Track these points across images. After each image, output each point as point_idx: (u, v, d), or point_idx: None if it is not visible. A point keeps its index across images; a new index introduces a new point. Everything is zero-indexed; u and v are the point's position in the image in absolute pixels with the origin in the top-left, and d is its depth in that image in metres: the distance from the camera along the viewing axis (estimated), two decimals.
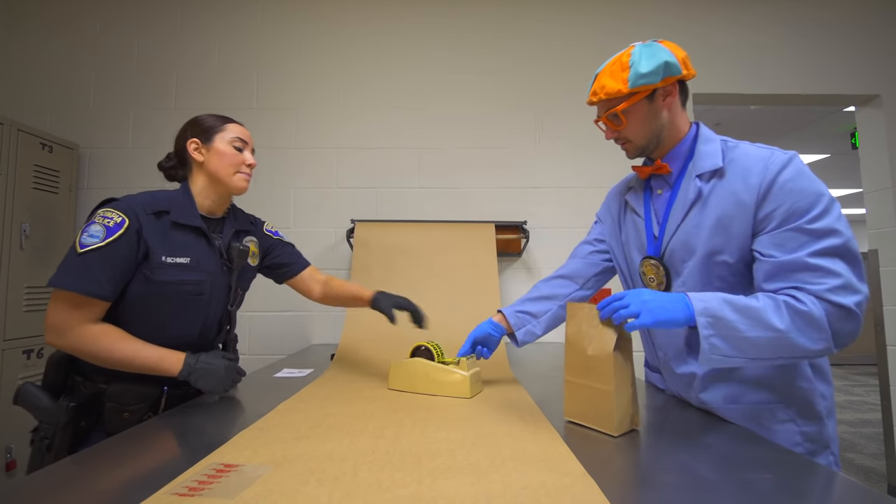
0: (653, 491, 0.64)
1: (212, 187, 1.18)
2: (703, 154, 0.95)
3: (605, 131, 1.04)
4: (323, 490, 0.60)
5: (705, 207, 0.92)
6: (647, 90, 0.94)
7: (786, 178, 0.84)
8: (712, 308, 0.79)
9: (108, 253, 1.01)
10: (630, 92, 0.94)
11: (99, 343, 1.01)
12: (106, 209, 1.05)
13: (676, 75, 0.94)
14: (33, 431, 1.08)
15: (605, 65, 0.99)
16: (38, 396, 1.06)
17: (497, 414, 0.97)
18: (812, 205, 0.82)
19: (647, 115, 0.97)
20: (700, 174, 0.94)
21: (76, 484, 0.67)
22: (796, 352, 0.78)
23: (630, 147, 1.02)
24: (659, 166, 1.01)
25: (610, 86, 0.95)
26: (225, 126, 1.20)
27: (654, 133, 0.99)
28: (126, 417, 1.05)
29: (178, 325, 1.12)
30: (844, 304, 0.77)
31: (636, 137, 0.99)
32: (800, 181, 0.84)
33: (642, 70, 0.92)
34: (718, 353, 0.78)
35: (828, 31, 2.54)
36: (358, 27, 2.50)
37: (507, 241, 2.32)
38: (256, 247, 1.33)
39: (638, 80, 0.93)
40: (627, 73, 0.93)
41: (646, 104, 0.96)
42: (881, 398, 2.55)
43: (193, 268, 1.12)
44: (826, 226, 0.81)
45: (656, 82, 0.93)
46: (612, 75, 0.96)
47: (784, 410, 0.92)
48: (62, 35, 2.47)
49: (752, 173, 0.87)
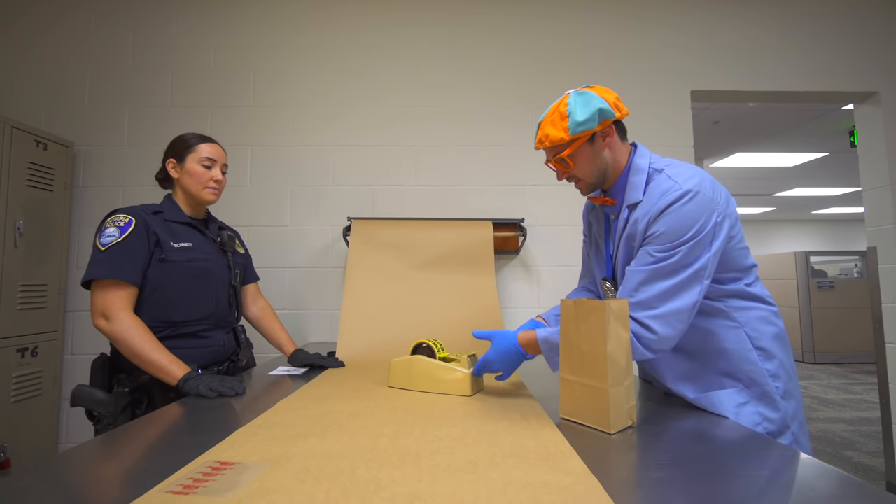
0: (653, 488, 0.63)
1: (187, 198, 1.40)
2: (632, 185, 1.06)
3: (556, 172, 1.13)
4: (320, 488, 0.59)
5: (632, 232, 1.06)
6: (586, 135, 1.03)
7: (670, 211, 0.96)
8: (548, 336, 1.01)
9: (126, 245, 1.22)
10: (572, 138, 1.03)
11: (131, 332, 1.17)
12: (114, 216, 1.27)
13: (611, 118, 1.03)
14: (96, 423, 1.25)
15: (545, 113, 1.07)
16: (93, 392, 1.23)
17: (498, 412, 0.96)
18: (672, 236, 0.95)
19: (590, 156, 1.06)
20: (629, 205, 1.06)
21: (69, 481, 0.66)
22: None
23: (582, 185, 1.11)
24: (603, 201, 1.13)
25: (553, 134, 1.04)
26: (196, 147, 1.38)
27: (601, 171, 1.08)
28: (172, 397, 1.18)
29: (196, 302, 1.32)
30: (636, 317, 0.95)
31: (586, 176, 1.09)
32: (681, 211, 0.95)
33: (579, 119, 1.01)
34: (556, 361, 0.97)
35: (826, 27, 2.54)
36: (353, 21, 2.49)
37: (505, 238, 2.31)
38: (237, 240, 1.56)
39: (577, 128, 1.01)
40: (567, 122, 1.02)
41: (588, 147, 1.05)
42: (880, 396, 2.55)
43: (197, 250, 1.35)
44: (667, 254, 0.95)
45: (594, 127, 1.02)
46: (553, 124, 1.04)
47: (741, 394, 1.01)
48: (56, 31, 2.44)
49: (652, 200, 1.00)
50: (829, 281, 6.40)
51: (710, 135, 4.62)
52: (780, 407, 1.00)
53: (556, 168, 1.11)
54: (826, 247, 9.87)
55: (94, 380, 1.28)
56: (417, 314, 1.97)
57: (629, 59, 2.48)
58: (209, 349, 1.35)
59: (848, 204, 8.69)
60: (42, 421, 2.14)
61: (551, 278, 2.40)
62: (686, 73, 2.49)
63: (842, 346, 6.19)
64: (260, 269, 1.76)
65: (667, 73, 2.49)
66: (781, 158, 5.58)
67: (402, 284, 2.05)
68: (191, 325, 1.32)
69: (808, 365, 6.12)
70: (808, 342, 6.25)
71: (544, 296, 2.39)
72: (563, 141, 1.03)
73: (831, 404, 4.21)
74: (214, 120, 2.41)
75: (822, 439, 3.32)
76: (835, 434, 3.43)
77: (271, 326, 1.60)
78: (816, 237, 10.65)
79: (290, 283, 2.36)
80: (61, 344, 2.26)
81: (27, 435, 2.04)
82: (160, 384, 1.20)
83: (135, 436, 0.86)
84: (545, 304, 2.38)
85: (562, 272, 2.40)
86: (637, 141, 1.12)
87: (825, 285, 6.36)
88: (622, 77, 2.47)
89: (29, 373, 2.06)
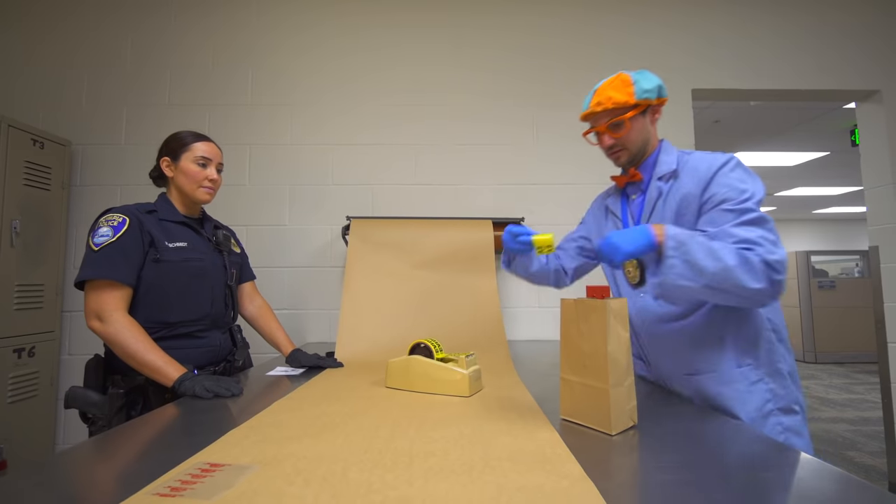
0: (652, 491, 0.62)
1: (181, 197, 1.38)
2: (663, 162, 1.14)
3: (600, 140, 1.18)
4: (309, 491, 0.58)
5: (665, 203, 1.10)
6: (647, 104, 1.12)
7: (722, 173, 1.03)
8: (680, 235, 0.93)
9: (120, 245, 1.20)
10: (636, 103, 1.10)
11: (125, 333, 1.16)
12: (107, 215, 1.24)
13: (664, 98, 1.14)
14: (90, 425, 1.22)
15: (602, 83, 1.14)
16: (87, 394, 1.21)
17: (496, 413, 0.95)
18: (738, 194, 0.99)
19: (641, 127, 1.14)
20: (660, 177, 1.13)
21: (60, 482, 0.65)
22: (739, 288, 0.90)
23: (624, 155, 1.16)
24: (633, 174, 1.18)
25: (616, 97, 1.10)
26: (191, 145, 1.36)
27: (644, 143, 1.15)
28: (168, 398, 1.17)
29: (192, 302, 1.31)
30: (766, 257, 0.90)
31: (632, 146, 1.15)
32: (731, 175, 1.02)
33: (645, 86, 1.11)
34: (676, 272, 0.91)
35: (828, 25, 2.52)
36: (352, 19, 2.47)
37: None
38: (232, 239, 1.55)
39: (643, 94, 1.10)
40: (632, 87, 1.10)
41: (641, 118, 1.13)
42: (882, 396, 2.54)
43: (192, 249, 1.33)
44: (745, 207, 0.97)
45: (653, 99, 1.12)
46: (616, 89, 1.11)
47: (754, 371, 1.05)
48: (54, 30, 2.43)
49: (698, 170, 1.06)
50: (830, 280, 6.39)
51: (711, 134, 4.60)
52: (788, 385, 1.06)
53: (599, 136, 1.17)
54: (827, 246, 9.82)
55: (88, 381, 1.26)
56: (417, 314, 1.95)
57: (630, 58, 2.46)
58: (205, 350, 1.34)
59: (849, 203, 8.66)
60: (39, 422, 2.13)
61: None
62: (687, 72, 2.47)
63: (843, 346, 6.16)
64: (259, 268, 1.75)
65: (668, 72, 2.44)
66: (783, 158, 5.56)
67: (401, 284, 2.04)
68: (186, 325, 1.30)
69: (810, 364, 6.10)
70: (810, 342, 6.23)
71: (544, 296, 2.37)
72: (627, 104, 1.10)
73: (833, 404, 4.19)
74: (213, 119, 2.40)
75: (823, 439, 3.30)
76: (837, 434, 3.41)
77: (269, 326, 1.58)
78: (817, 237, 10.61)
79: (288, 282, 2.35)
80: (58, 344, 2.25)
81: (24, 436, 2.03)
82: (155, 385, 1.18)
83: (129, 437, 0.85)
84: (545, 303, 2.37)
85: None
86: None
87: (826, 285, 6.35)
88: None
89: (26, 373, 2.05)
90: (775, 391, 1.04)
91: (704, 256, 0.90)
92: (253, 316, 1.59)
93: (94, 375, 1.25)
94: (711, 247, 0.91)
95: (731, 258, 0.90)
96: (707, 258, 0.90)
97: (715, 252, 0.91)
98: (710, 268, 0.90)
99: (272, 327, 1.58)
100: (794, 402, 1.06)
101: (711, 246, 0.92)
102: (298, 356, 1.49)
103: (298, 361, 1.48)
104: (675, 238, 0.92)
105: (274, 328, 1.58)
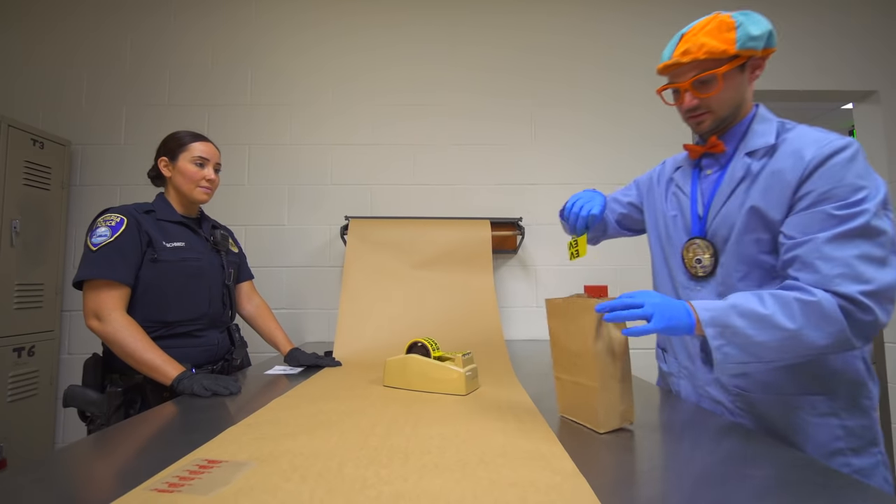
0: (644, 489, 0.62)
1: (179, 197, 1.39)
2: (756, 133, 0.91)
3: (679, 99, 0.95)
4: (305, 487, 0.59)
5: (752, 185, 0.89)
6: (749, 55, 0.88)
7: (834, 163, 0.79)
8: (719, 317, 0.76)
9: (117, 244, 1.21)
10: (735, 54, 0.86)
11: (124, 332, 1.16)
12: (105, 215, 1.25)
13: (773, 48, 0.89)
14: (88, 423, 1.23)
15: (693, 25, 0.91)
16: (85, 392, 1.22)
17: (492, 411, 0.96)
18: (849, 193, 0.77)
19: (736, 85, 0.90)
20: (750, 152, 0.91)
21: (58, 480, 0.65)
22: (811, 348, 0.75)
23: (708, 119, 0.93)
24: (714, 144, 0.96)
25: (712, 45, 0.86)
26: (189, 145, 1.37)
27: (737, 105, 0.92)
28: (166, 396, 1.17)
29: (190, 301, 1.32)
30: (847, 293, 0.73)
31: (720, 108, 0.92)
32: (847, 168, 0.79)
33: (753, 32, 0.86)
34: (732, 360, 0.76)
35: (825, 26, 2.53)
36: (351, 19, 2.48)
37: (503, 237, 2.30)
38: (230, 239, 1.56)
39: (747, 43, 0.86)
40: (734, 33, 0.86)
41: (738, 73, 0.90)
42: (880, 396, 2.54)
43: (189, 249, 1.34)
44: (853, 213, 0.76)
45: (759, 49, 0.87)
46: (712, 35, 0.87)
47: (827, 403, 0.87)
48: (54, 30, 2.44)
49: (802, 153, 0.83)
50: None
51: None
52: (869, 424, 0.87)
53: (686, 92, 0.93)
54: None
55: (87, 380, 1.27)
56: (415, 313, 1.96)
57: (630, 57, 2.47)
58: (203, 349, 1.35)
59: None
60: (39, 420, 2.14)
61: (549, 277, 2.39)
62: None
63: None
64: (257, 268, 1.76)
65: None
66: None
67: (399, 283, 2.05)
68: (184, 324, 1.31)
69: None
70: None
71: (542, 295, 2.38)
72: (725, 54, 0.86)
73: None
74: (212, 119, 2.41)
75: None
76: None
77: (267, 325, 1.59)
78: None
79: (287, 282, 2.36)
80: (58, 343, 2.25)
81: (24, 435, 2.03)
82: (154, 384, 1.19)
83: (127, 434, 0.86)
84: (543, 303, 2.37)
85: (560, 271, 2.39)
86: (637, 137, 1.06)
87: None
88: (623, 74, 2.45)
89: (25, 372, 2.06)
90: (850, 429, 0.86)
91: (756, 331, 0.75)
92: (251, 315, 1.59)
93: (93, 374, 1.27)
94: (759, 313, 0.75)
95: (788, 318, 0.74)
96: (761, 331, 0.75)
97: (766, 319, 0.75)
98: (770, 341, 0.74)
99: (270, 326, 1.58)
100: (873, 442, 0.87)
101: (758, 312, 0.75)
102: (297, 355, 1.50)
103: (297, 360, 1.48)
104: (712, 323, 0.76)
105: (272, 327, 1.58)
